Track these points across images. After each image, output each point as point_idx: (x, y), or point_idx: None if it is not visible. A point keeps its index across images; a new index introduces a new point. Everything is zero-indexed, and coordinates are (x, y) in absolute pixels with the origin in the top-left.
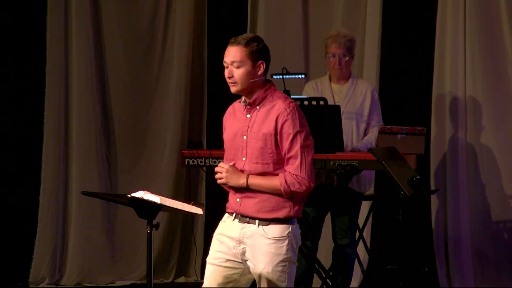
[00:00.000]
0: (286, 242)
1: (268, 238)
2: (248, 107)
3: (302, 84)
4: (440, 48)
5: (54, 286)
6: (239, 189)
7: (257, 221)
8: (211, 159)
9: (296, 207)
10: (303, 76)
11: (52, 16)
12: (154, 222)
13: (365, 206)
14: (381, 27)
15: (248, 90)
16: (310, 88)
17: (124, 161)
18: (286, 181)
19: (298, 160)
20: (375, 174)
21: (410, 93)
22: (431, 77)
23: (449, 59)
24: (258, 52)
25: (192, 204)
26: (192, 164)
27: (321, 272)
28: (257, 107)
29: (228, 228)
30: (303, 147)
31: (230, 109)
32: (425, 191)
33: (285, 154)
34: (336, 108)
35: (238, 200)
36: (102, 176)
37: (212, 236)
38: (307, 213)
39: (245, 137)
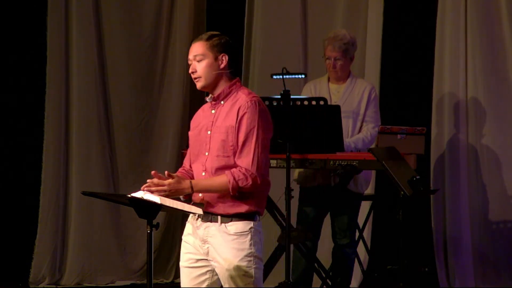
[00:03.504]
0: (249, 237)
1: (230, 235)
2: (213, 102)
3: (302, 84)
4: (440, 48)
5: (54, 286)
6: None
7: (219, 218)
8: None
9: (258, 202)
10: (303, 76)
11: (52, 16)
12: (154, 222)
13: (365, 206)
14: (382, 27)
15: (212, 84)
16: (307, 90)
17: (124, 161)
18: (234, 178)
19: (251, 155)
20: (375, 174)
21: (410, 93)
22: (431, 77)
23: (449, 59)
24: (220, 45)
25: (192, 204)
26: None
27: (321, 272)
28: (222, 102)
29: (192, 228)
30: (257, 142)
31: (199, 111)
32: (425, 191)
33: (238, 146)
34: (336, 108)
35: (200, 195)
36: (102, 176)
37: None
38: (307, 213)
39: (209, 132)
